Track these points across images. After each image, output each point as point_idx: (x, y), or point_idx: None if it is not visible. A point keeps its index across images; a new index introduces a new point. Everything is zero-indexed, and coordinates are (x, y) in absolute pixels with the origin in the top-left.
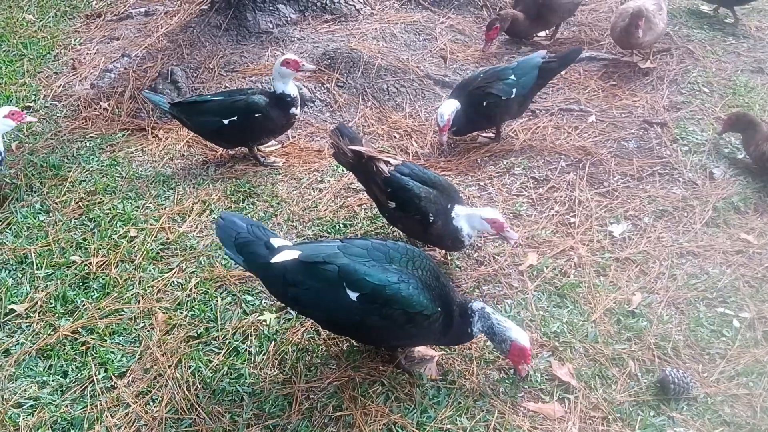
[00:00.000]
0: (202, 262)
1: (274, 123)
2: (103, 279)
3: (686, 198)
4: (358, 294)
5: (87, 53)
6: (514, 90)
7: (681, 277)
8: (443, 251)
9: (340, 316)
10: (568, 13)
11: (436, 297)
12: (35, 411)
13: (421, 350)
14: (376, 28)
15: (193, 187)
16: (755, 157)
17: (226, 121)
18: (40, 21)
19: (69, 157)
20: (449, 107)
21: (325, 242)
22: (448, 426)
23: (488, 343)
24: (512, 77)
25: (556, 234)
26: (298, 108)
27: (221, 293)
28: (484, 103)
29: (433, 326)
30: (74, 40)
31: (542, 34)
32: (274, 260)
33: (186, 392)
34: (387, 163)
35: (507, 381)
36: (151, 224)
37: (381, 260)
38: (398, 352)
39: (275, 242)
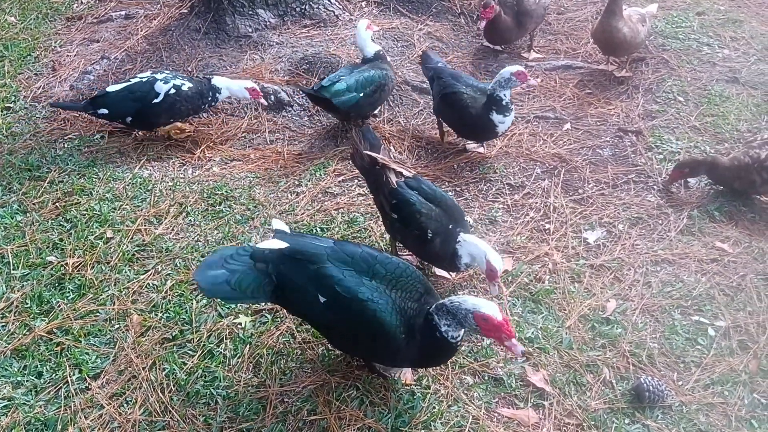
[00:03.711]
0: (178, 265)
1: None
2: (79, 280)
3: (661, 206)
4: (325, 299)
5: (67, 55)
6: None
7: (656, 284)
8: (419, 258)
9: (312, 316)
10: (540, 18)
11: (406, 321)
12: (9, 411)
13: None
14: (354, 34)
15: (170, 190)
16: (745, 190)
17: None
18: (22, 23)
19: (47, 158)
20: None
21: (318, 240)
22: (423, 431)
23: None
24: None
25: (531, 240)
26: None
27: (196, 296)
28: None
29: (399, 350)
30: (55, 42)
31: (526, 54)
32: (259, 245)
33: (160, 394)
34: (399, 174)
35: (481, 386)
36: (127, 226)
37: (362, 272)
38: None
39: (275, 224)
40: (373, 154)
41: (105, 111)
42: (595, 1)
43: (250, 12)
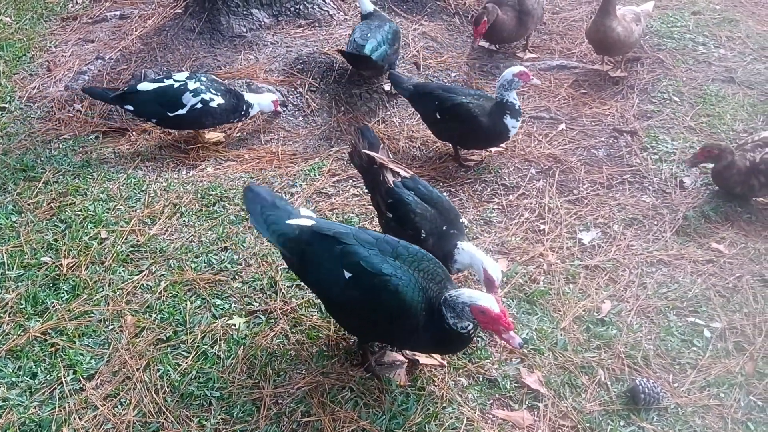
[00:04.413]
0: (172, 265)
1: None
2: (74, 280)
3: (656, 206)
4: (350, 275)
5: (62, 55)
6: None
7: (651, 285)
8: None
9: (332, 292)
10: (539, 17)
11: (427, 300)
12: (3, 412)
13: (392, 355)
14: (349, 34)
15: (164, 190)
16: (744, 194)
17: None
18: (17, 23)
19: (42, 159)
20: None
21: (342, 225)
22: None
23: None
24: None
25: (526, 241)
26: None
27: (190, 296)
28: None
29: (416, 329)
30: (50, 43)
31: (521, 54)
32: (289, 221)
33: (154, 396)
34: (396, 174)
35: (476, 388)
36: (121, 226)
37: (386, 252)
38: (369, 353)
39: (303, 212)
40: (372, 153)
41: (131, 108)
42: (590, 0)
43: (245, 12)
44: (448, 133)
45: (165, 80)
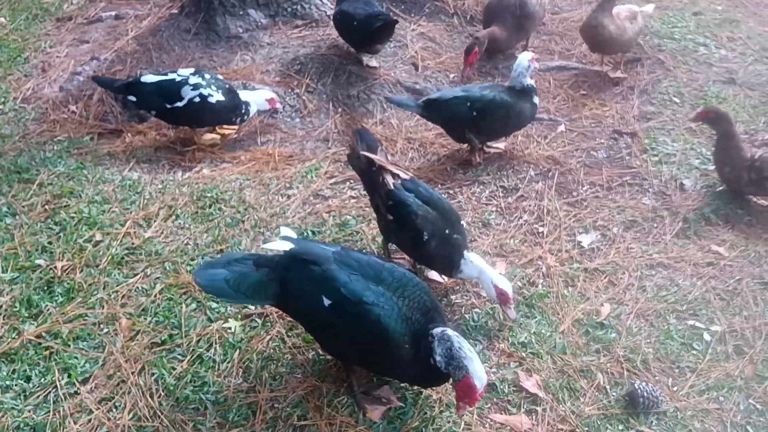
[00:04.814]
0: (167, 268)
1: None
2: (68, 283)
3: (656, 209)
4: (330, 302)
5: (57, 56)
6: None
7: (650, 288)
8: (413, 260)
9: (314, 320)
10: (540, 19)
11: (412, 332)
12: None
13: (386, 391)
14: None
15: (160, 192)
16: (729, 180)
17: None
18: (12, 24)
19: (37, 160)
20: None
21: (324, 245)
22: None
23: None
24: None
25: (525, 243)
26: None
27: (186, 300)
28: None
29: (400, 361)
30: (45, 43)
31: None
32: (265, 246)
33: (149, 399)
34: (396, 176)
35: None
36: (116, 229)
37: (369, 277)
38: (354, 375)
39: (283, 231)
40: (371, 155)
41: (133, 99)
42: (590, 1)
43: (241, 12)
44: (488, 129)
45: (169, 74)
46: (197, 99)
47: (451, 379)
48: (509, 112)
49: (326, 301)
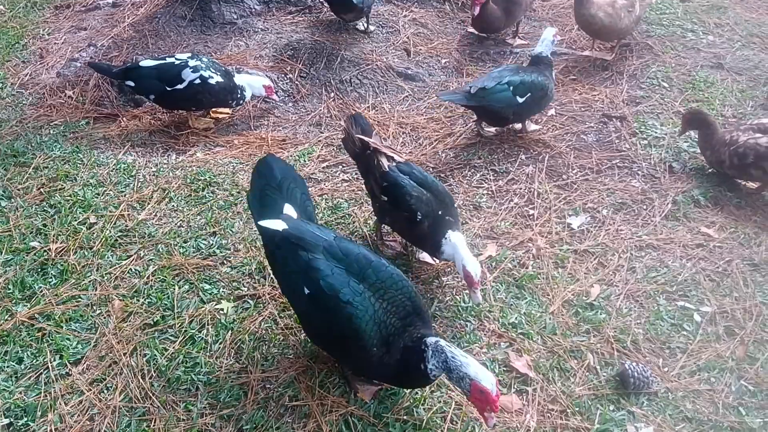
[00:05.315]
0: (160, 250)
1: None
2: (62, 265)
3: (645, 191)
4: (309, 291)
5: (55, 43)
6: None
7: (640, 269)
8: (403, 240)
9: (295, 302)
10: (528, 5)
11: (383, 336)
12: None
13: None
14: (339, 20)
15: (153, 175)
16: (712, 162)
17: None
18: (11, 11)
19: (33, 144)
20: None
21: (319, 230)
22: (405, 417)
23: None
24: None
25: (515, 226)
26: None
27: (178, 281)
28: None
29: (370, 362)
30: (43, 30)
31: (511, 41)
32: (261, 222)
33: (140, 380)
34: (390, 159)
35: None
36: (110, 211)
37: (353, 272)
38: None
39: (286, 209)
40: (365, 138)
41: (132, 84)
42: None
43: None
44: (529, 110)
45: (167, 58)
46: (198, 81)
47: (464, 396)
48: (548, 88)
49: (306, 290)
